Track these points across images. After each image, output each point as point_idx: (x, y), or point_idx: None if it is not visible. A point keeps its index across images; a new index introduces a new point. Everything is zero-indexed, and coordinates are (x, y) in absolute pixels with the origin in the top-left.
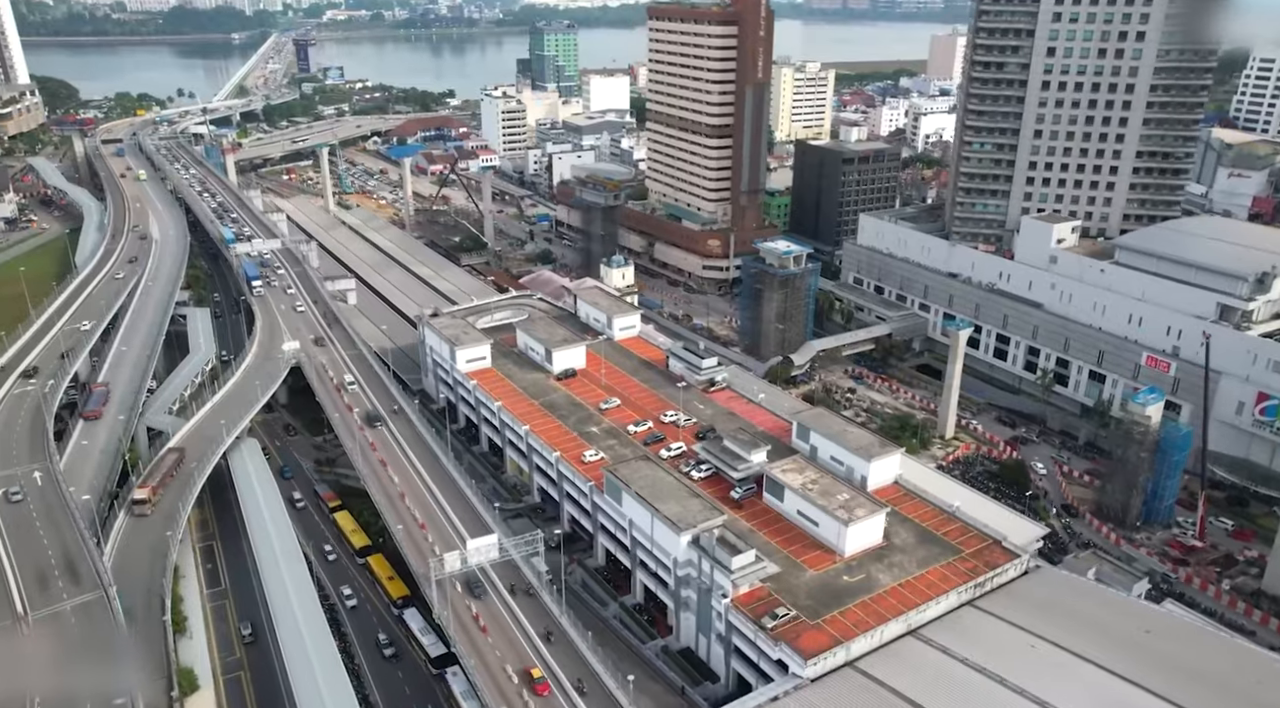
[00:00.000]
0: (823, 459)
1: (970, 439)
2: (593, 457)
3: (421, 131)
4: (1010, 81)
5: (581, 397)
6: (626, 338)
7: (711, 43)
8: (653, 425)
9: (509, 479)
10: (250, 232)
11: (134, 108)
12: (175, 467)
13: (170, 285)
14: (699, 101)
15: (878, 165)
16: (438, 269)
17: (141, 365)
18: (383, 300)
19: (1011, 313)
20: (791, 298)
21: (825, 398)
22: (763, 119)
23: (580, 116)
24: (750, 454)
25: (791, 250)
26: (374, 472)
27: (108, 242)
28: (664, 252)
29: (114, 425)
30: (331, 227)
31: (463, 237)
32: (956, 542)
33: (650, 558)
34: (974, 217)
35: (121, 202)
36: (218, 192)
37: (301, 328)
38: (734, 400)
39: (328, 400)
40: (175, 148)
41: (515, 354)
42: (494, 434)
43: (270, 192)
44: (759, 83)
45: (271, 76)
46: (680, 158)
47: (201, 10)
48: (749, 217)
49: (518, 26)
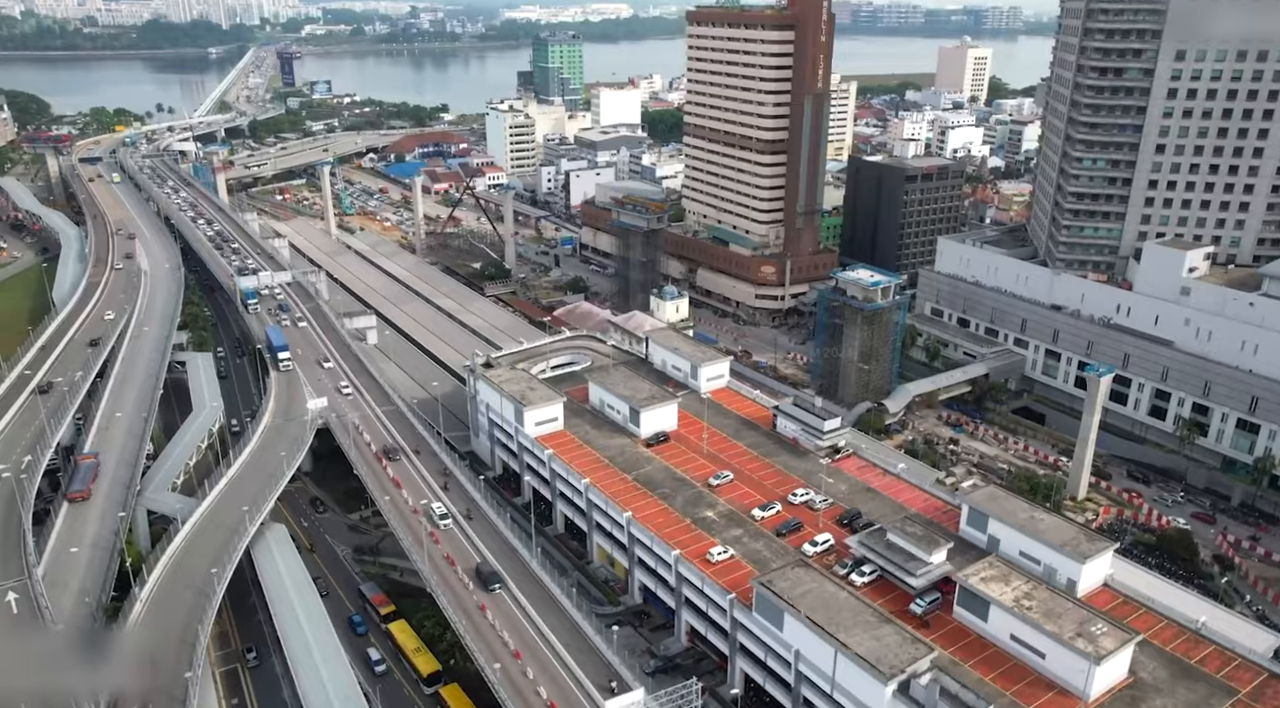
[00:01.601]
0: (1007, 553)
1: (1107, 500)
2: (721, 555)
3: (419, 147)
4: (1129, 89)
5: (683, 469)
6: (715, 389)
7: (765, 49)
8: (782, 508)
9: (597, 572)
10: (255, 264)
11: (111, 123)
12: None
13: (165, 327)
14: (749, 114)
15: (941, 183)
16: (462, 301)
17: (136, 429)
18: (406, 339)
19: (1134, 351)
20: (877, 335)
21: (927, 451)
22: (822, 133)
23: (593, 131)
24: (929, 553)
25: (879, 281)
26: (442, 576)
27: (90, 274)
28: (708, 279)
29: (106, 509)
30: (337, 252)
31: (484, 263)
32: (1221, 674)
33: (828, 703)
34: (1081, 241)
35: (104, 227)
36: (214, 217)
37: (323, 378)
38: (866, 471)
39: (371, 479)
40: (161, 167)
41: (589, 413)
42: (572, 511)
43: (264, 213)
44: (819, 93)
45: (254, 91)
46: (726, 176)
47: (177, 25)
48: (805, 240)
49: (501, 41)
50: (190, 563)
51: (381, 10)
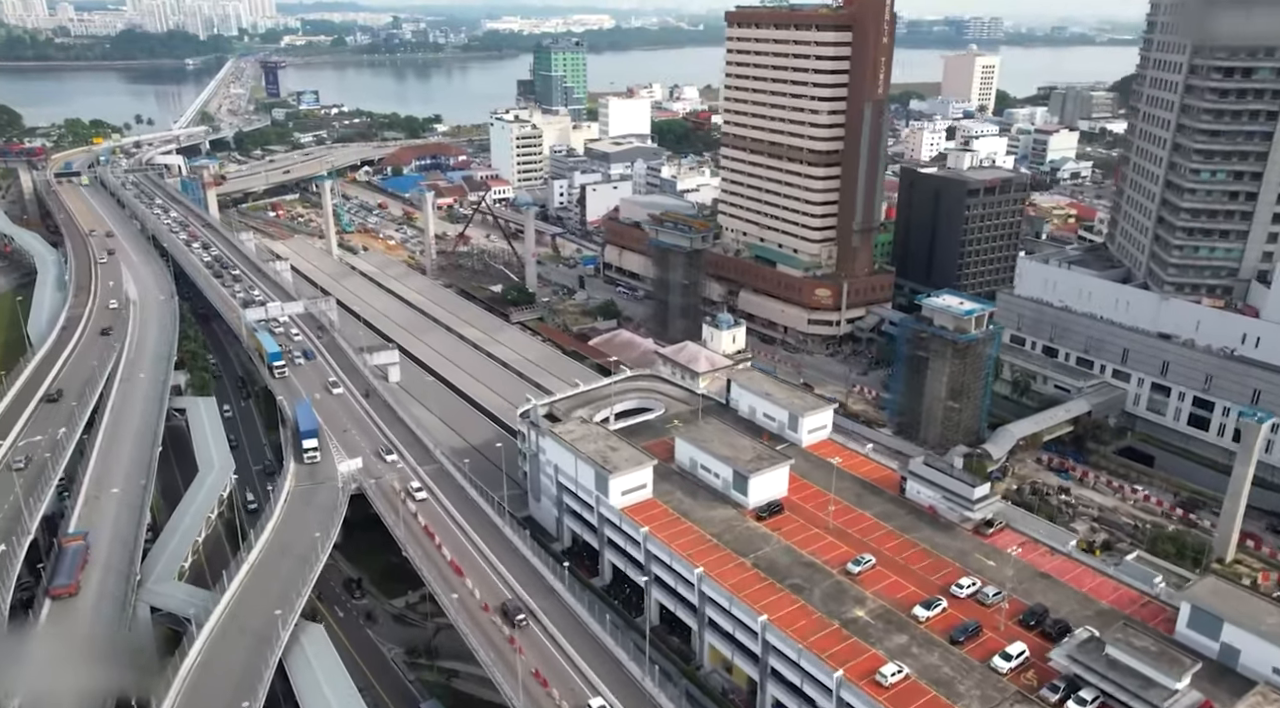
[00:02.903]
0: (1253, 668)
1: (1262, 563)
2: (895, 675)
3: (416, 160)
4: (1259, 92)
5: (810, 550)
6: (817, 443)
7: (820, 52)
8: (948, 605)
9: (709, 679)
10: (261, 294)
11: (88, 135)
12: None
13: (161, 368)
14: (801, 123)
15: (1004, 197)
16: (487, 329)
17: (133, 499)
18: (431, 374)
19: (1266, 388)
20: (969, 369)
21: (1040, 503)
22: (882, 143)
23: (603, 142)
24: (1173, 676)
25: (974, 309)
26: (532, 698)
27: (70, 305)
28: (752, 302)
29: (99, 606)
30: (342, 275)
31: (505, 286)
32: None
33: None
34: (1194, 263)
35: (85, 250)
36: (209, 241)
37: (351, 429)
38: (1029, 549)
39: (424, 562)
40: (146, 183)
41: (676, 475)
42: (673, 601)
43: (258, 231)
44: (879, 99)
45: (236, 102)
46: (771, 191)
47: (153, 35)
48: (861, 259)
49: (484, 52)
50: (211, 687)
51: (361, 21)
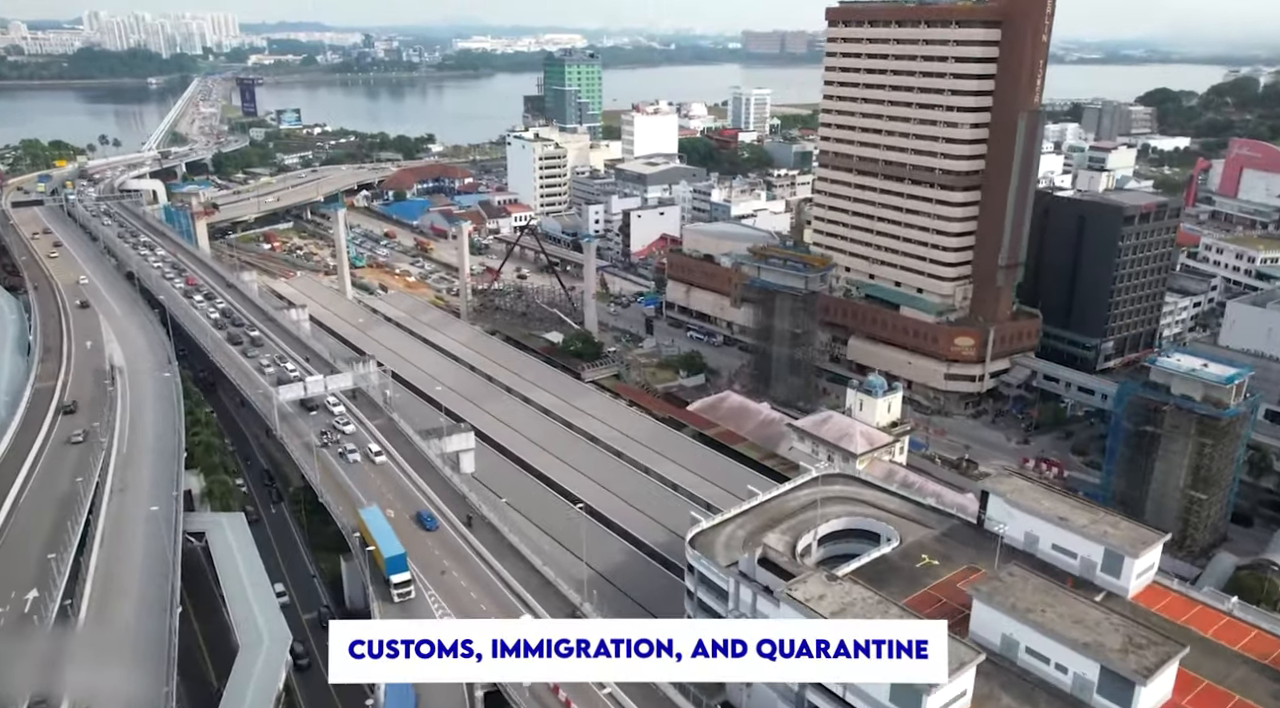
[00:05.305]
0: None
1: None
2: None
3: (418, 183)
4: None
5: None
6: (1141, 591)
7: (961, 52)
8: None
9: None
10: (295, 366)
11: (49, 157)
12: None
13: (166, 466)
14: (931, 139)
15: (1158, 225)
16: (560, 393)
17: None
18: (510, 460)
19: None
20: (1221, 451)
21: None
22: (1035, 163)
23: (632, 161)
24: None
25: (1233, 376)
26: None
27: (36, 373)
28: (865, 351)
29: None
30: (368, 324)
31: (567, 336)
32: None
33: None
34: None
35: (54, 301)
36: (213, 290)
37: (452, 568)
38: None
39: None
40: (122, 213)
41: (980, 657)
42: None
43: (253, 267)
44: (1034, 110)
45: (209, 121)
46: (889, 220)
47: (113, 53)
48: (1004, 301)
49: (459, 71)
50: None
51: (329, 40)
